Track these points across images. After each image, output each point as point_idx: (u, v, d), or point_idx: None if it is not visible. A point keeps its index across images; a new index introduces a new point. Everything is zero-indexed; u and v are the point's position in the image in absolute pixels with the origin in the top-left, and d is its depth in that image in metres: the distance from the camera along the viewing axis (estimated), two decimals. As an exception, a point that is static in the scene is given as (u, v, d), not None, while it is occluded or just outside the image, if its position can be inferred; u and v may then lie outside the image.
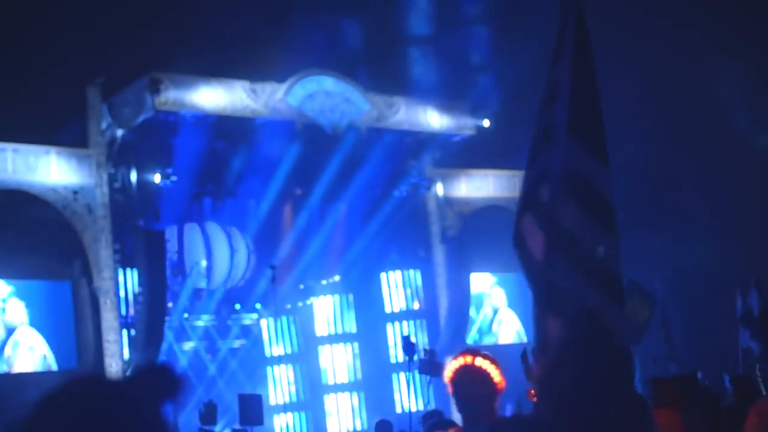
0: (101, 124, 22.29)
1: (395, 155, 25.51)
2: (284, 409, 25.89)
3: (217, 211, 25.34)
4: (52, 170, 21.57)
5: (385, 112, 24.54)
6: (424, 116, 25.11)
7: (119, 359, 21.67)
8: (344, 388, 26.60)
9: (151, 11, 23.89)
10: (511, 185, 27.65)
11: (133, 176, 22.75)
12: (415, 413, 16.30)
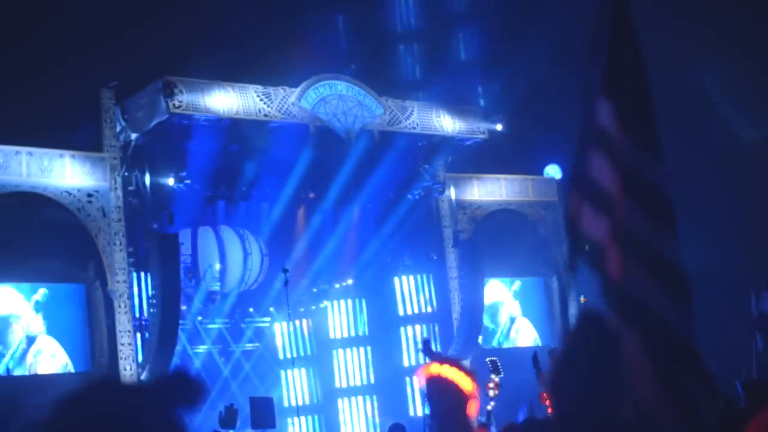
0: (115, 127, 22.34)
1: (408, 159, 25.50)
2: (297, 412, 25.92)
3: (230, 214, 25.39)
4: (66, 173, 21.61)
5: (398, 115, 24.55)
6: (437, 120, 25.10)
7: (133, 362, 21.71)
8: (357, 391, 26.59)
9: (164, 15, 24.01)
10: (523, 189, 27.69)
11: (147, 179, 22.82)
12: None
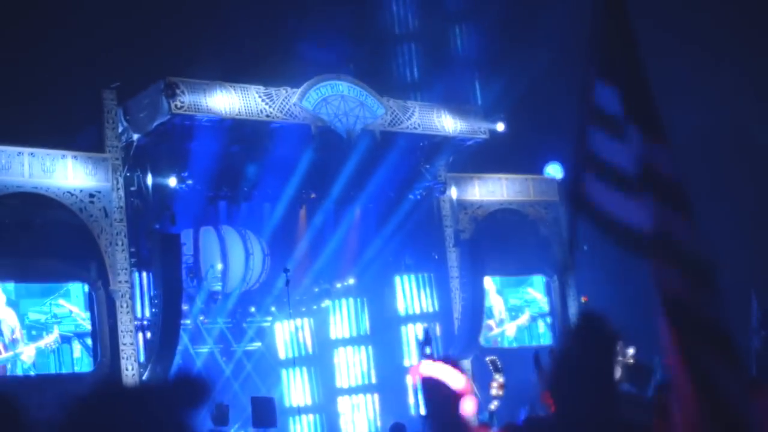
0: (117, 128, 22.39)
1: (409, 159, 25.54)
2: (298, 411, 25.97)
3: (232, 214, 25.43)
4: (68, 174, 21.67)
5: (399, 116, 24.59)
6: (438, 120, 25.14)
7: (135, 362, 21.78)
8: (358, 390, 26.64)
9: (166, 16, 24.07)
10: (524, 189, 27.74)
11: (149, 180, 22.86)
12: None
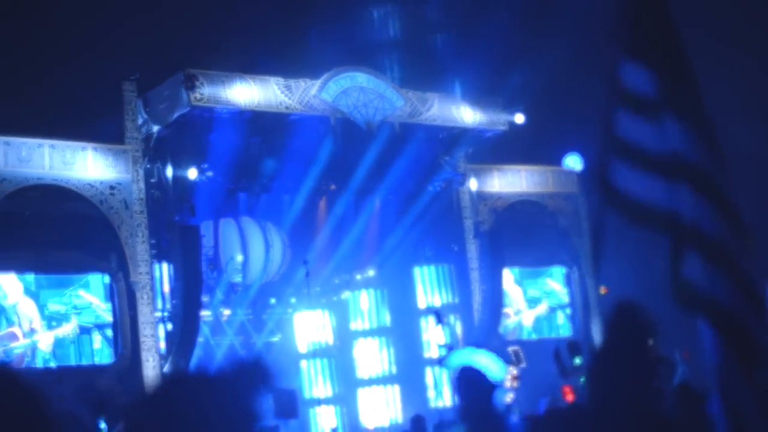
0: (137, 120, 22.46)
1: (429, 150, 25.55)
2: (318, 402, 26.01)
3: (252, 206, 25.49)
4: (88, 166, 21.75)
5: (418, 107, 24.59)
6: (457, 112, 25.13)
7: (156, 353, 21.86)
8: (378, 382, 26.66)
9: (186, 8, 24.07)
10: (543, 180, 27.71)
11: (169, 172, 22.92)
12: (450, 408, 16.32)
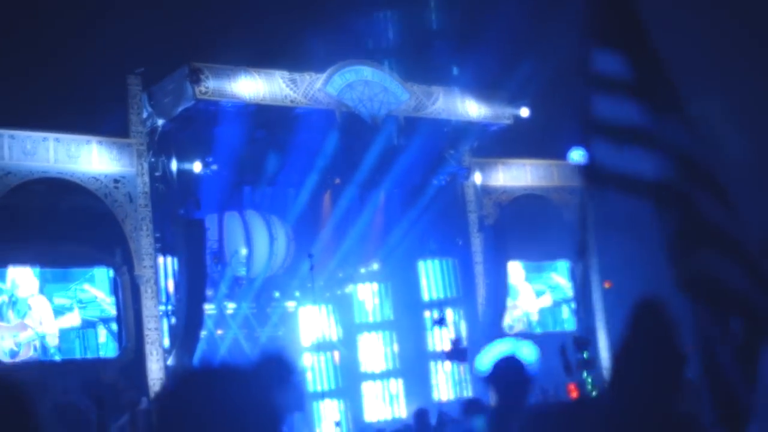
0: (142, 113, 22.44)
1: (433, 144, 25.52)
2: (322, 396, 26.03)
3: (256, 199, 25.49)
4: (93, 159, 21.74)
5: (423, 101, 24.56)
6: (462, 105, 25.10)
7: (159, 347, 21.87)
8: (382, 375, 26.69)
9: (190, 1, 24.08)
10: (548, 174, 27.69)
11: (173, 165, 22.90)
12: (454, 401, 16.34)
